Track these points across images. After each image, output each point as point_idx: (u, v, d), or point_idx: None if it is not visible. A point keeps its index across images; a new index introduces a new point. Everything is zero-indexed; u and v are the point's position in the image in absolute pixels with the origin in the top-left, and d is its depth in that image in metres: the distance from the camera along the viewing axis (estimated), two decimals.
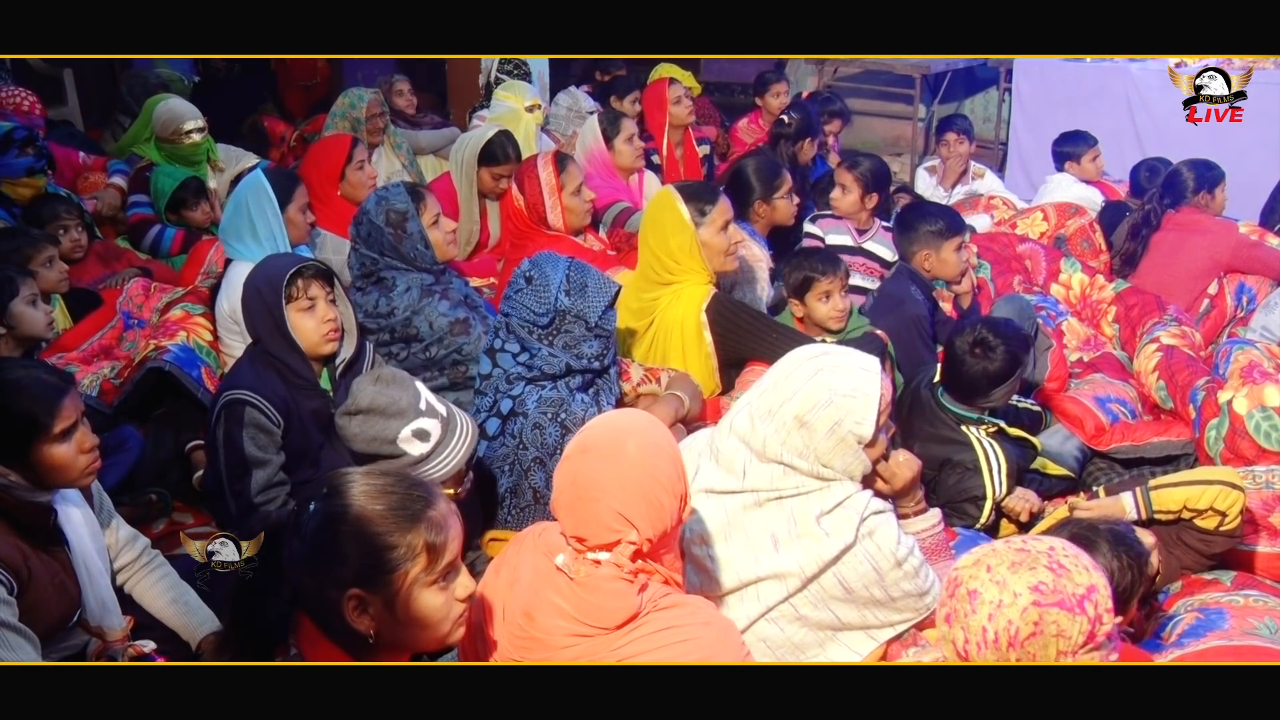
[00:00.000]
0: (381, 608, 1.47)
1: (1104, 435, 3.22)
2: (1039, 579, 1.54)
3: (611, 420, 1.85)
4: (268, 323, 2.61)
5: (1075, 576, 1.55)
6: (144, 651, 2.22)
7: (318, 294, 2.64)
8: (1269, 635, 2.10)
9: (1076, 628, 1.53)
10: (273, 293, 2.59)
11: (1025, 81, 6.48)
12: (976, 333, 2.83)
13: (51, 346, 3.42)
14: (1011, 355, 2.81)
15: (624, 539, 1.68)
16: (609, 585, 1.69)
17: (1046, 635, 1.53)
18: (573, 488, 1.72)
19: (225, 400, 2.57)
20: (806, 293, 3.23)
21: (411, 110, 5.79)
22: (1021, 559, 1.58)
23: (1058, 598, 1.53)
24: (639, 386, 2.94)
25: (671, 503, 1.73)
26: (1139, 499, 2.42)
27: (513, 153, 4.29)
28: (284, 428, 2.59)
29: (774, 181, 3.83)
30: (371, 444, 2.21)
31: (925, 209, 3.80)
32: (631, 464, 1.70)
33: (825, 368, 2.02)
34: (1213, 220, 4.23)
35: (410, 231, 3.08)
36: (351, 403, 2.26)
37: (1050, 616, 1.52)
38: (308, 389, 2.66)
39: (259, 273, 2.73)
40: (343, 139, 4.20)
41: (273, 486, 2.56)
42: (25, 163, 4.14)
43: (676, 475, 1.76)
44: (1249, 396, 2.84)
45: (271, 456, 2.56)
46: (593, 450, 1.74)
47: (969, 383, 2.84)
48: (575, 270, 2.62)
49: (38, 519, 2.06)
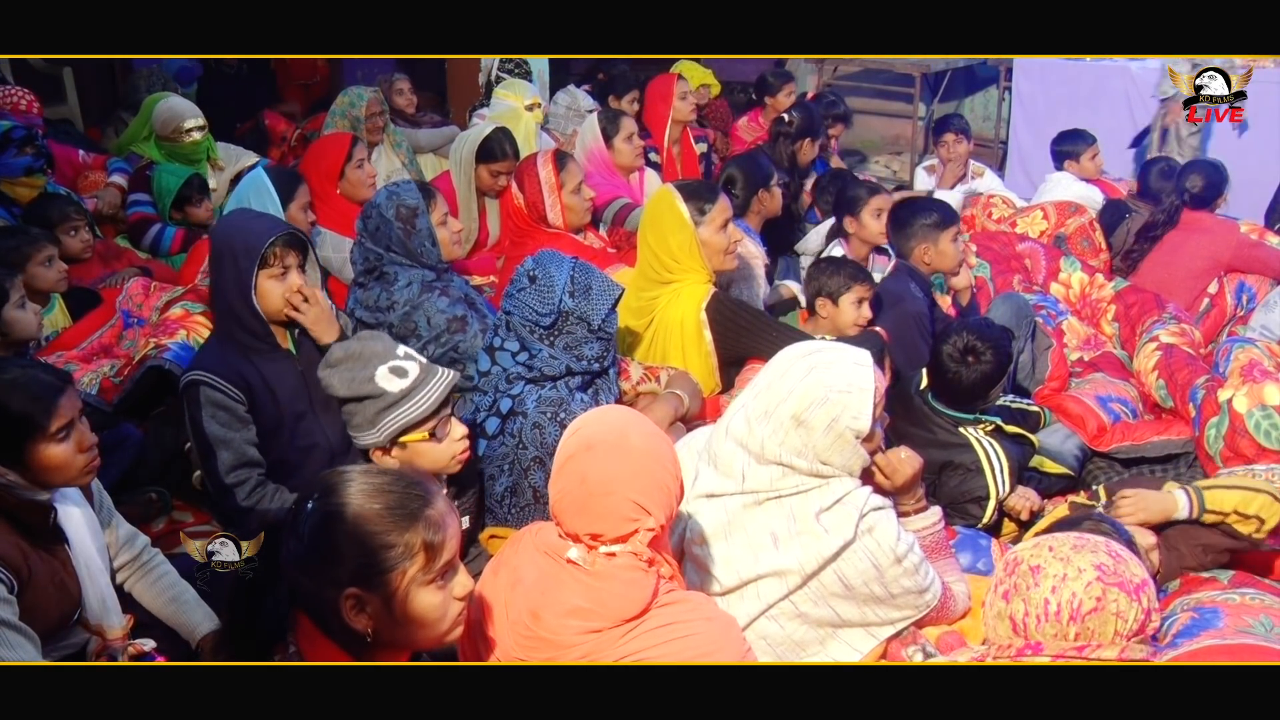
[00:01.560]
0: (379, 607, 1.47)
1: (1105, 435, 3.22)
2: (1101, 560, 1.61)
3: (604, 416, 1.87)
4: (233, 280, 2.54)
5: (1132, 567, 1.62)
6: (144, 650, 2.22)
7: (291, 263, 2.60)
8: (1264, 633, 2.10)
9: (1133, 612, 1.58)
10: (246, 255, 2.53)
11: (1025, 80, 6.48)
12: (963, 340, 2.82)
13: (51, 345, 3.42)
14: (1001, 353, 2.82)
15: (642, 527, 1.71)
16: (625, 574, 1.72)
17: (1107, 613, 1.58)
18: (583, 485, 1.73)
19: (183, 385, 2.53)
20: (843, 294, 3.25)
21: (411, 109, 5.78)
22: (1082, 543, 1.65)
23: (1119, 579, 1.59)
24: (638, 385, 2.94)
25: (675, 486, 1.78)
26: (1192, 497, 2.42)
27: (510, 149, 4.29)
28: (247, 402, 2.54)
29: (760, 173, 3.89)
30: (351, 385, 2.21)
31: (917, 203, 3.82)
32: (640, 453, 1.74)
33: (819, 365, 2.02)
34: (1214, 220, 4.24)
35: (419, 228, 3.08)
36: (329, 357, 2.29)
37: (1112, 595, 1.58)
38: (267, 352, 2.60)
39: (237, 227, 2.67)
40: (342, 138, 4.20)
41: (242, 466, 2.50)
42: (24, 162, 4.14)
43: (675, 458, 1.82)
44: (1249, 395, 2.85)
45: (234, 434, 2.51)
46: (598, 446, 1.75)
47: (966, 390, 2.84)
48: (580, 271, 2.62)
49: (37, 518, 2.06)
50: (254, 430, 2.55)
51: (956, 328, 2.90)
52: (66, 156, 4.79)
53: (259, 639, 1.52)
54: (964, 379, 2.81)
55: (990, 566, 2.45)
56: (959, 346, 2.82)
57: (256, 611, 1.53)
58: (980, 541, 2.58)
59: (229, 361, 2.55)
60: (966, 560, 2.45)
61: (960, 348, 2.81)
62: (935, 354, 2.89)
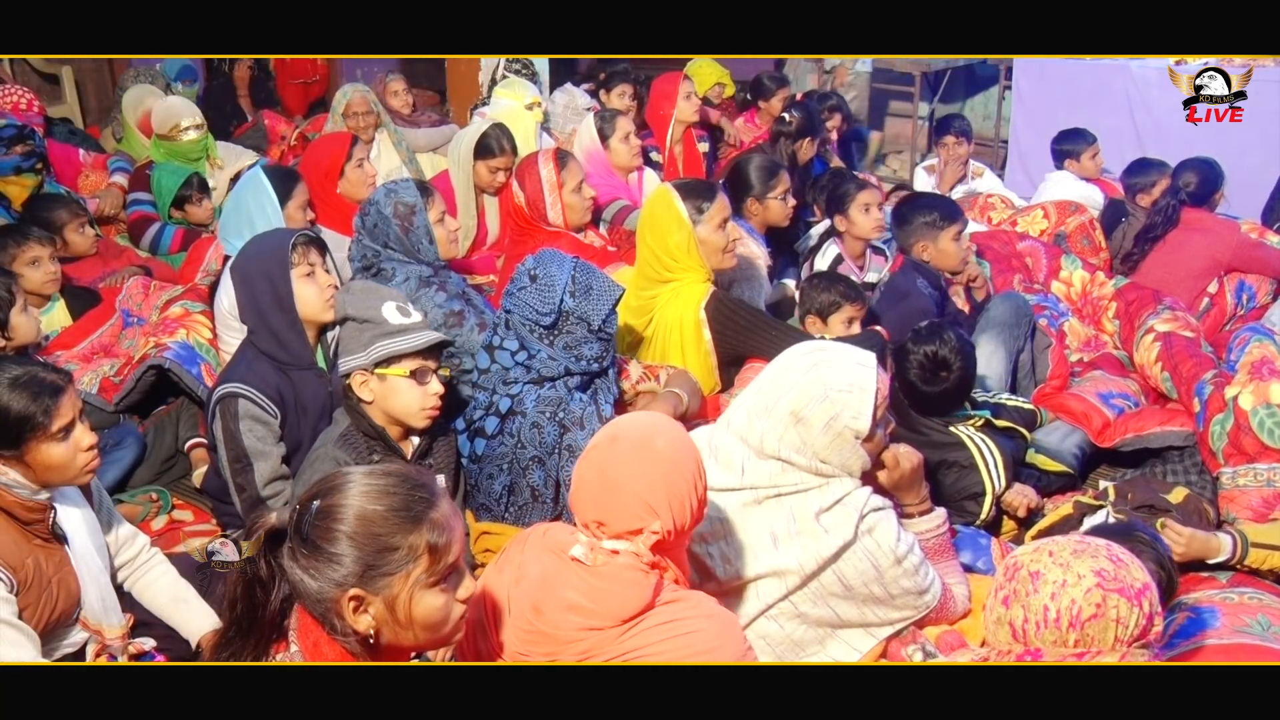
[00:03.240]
0: (382, 608, 1.47)
1: (1109, 430, 3.22)
2: (1101, 566, 1.59)
3: (639, 418, 1.93)
4: (269, 294, 2.61)
5: (1133, 571, 1.60)
6: (143, 650, 2.22)
7: (316, 260, 2.68)
8: (1260, 632, 2.10)
9: (1134, 618, 1.57)
10: (278, 263, 2.61)
11: (1025, 79, 6.47)
12: (924, 356, 2.75)
13: (51, 345, 3.42)
14: (969, 358, 2.78)
15: (646, 528, 1.71)
16: (626, 575, 1.72)
17: (1107, 619, 1.57)
18: (600, 475, 1.75)
19: (218, 395, 2.56)
20: (833, 314, 3.27)
21: (407, 110, 5.76)
22: (1083, 548, 1.63)
23: (1119, 585, 1.57)
24: (638, 384, 2.94)
25: (693, 499, 1.77)
26: (1237, 545, 2.42)
27: (508, 145, 4.29)
28: (280, 418, 2.58)
29: (770, 181, 3.83)
30: (359, 307, 2.39)
31: (919, 200, 3.79)
32: (660, 456, 1.74)
33: (821, 363, 2.02)
34: (1215, 219, 4.23)
35: (417, 225, 3.09)
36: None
37: (1112, 601, 1.57)
38: (303, 369, 2.65)
39: (256, 247, 2.73)
40: (343, 136, 4.20)
41: (278, 479, 2.55)
42: (13, 162, 4.13)
43: (699, 474, 1.80)
44: (1255, 393, 2.85)
45: (271, 448, 2.56)
46: (622, 440, 1.77)
47: (944, 401, 2.81)
48: (581, 271, 2.62)
49: (37, 517, 2.07)
50: (284, 447, 2.60)
51: (915, 340, 2.80)
52: (66, 156, 4.79)
53: (259, 639, 1.52)
54: (942, 391, 2.77)
55: (990, 565, 2.45)
56: (923, 362, 2.75)
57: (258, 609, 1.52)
58: (980, 540, 2.58)
59: (266, 377, 2.59)
60: (966, 559, 2.45)
61: (926, 365, 2.75)
62: (900, 371, 2.79)
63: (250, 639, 1.51)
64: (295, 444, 2.62)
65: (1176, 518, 2.53)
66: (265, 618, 1.51)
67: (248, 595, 1.51)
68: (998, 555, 2.49)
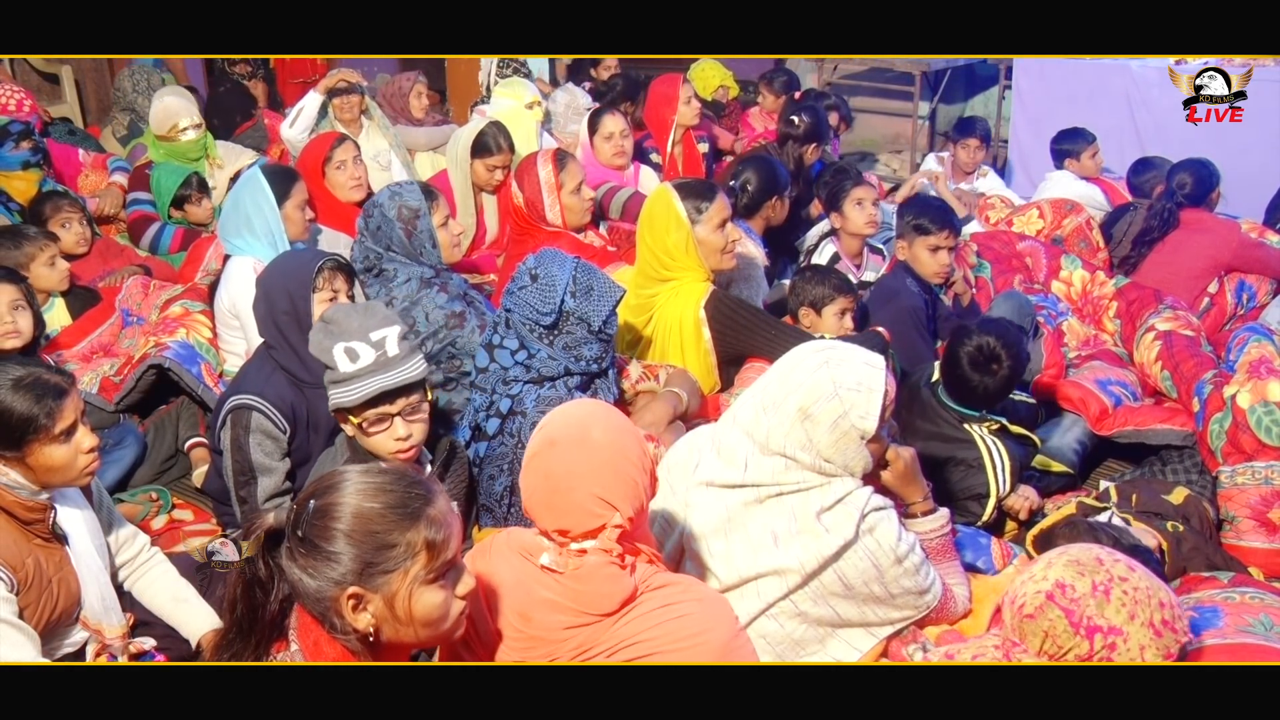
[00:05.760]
0: (382, 606, 1.47)
1: (1108, 418, 3.22)
2: (1083, 588, 1.67)
3: (568, 412, 1.86)
4: (288, 312, 2.61)
5: (1111, 613, 1.65)
6: (143, 649, 2.22)
7: (340, 287, 2.70)
8: (1263, 632, 2.10)
9: (1071, 642, 1.66)
10: (300, 284, 2.62)
11: (1025, 79, 6.47)
12: (983, 345, 2.76)
13: (51, 344, 3.42)
14: (1020, 357, 2.80)
15: (608, 523, 1.71)
16: (601, 572, 1.71)
17: (1038, 624, 1.68)
18: (547, 482, 1.73)
19: (232, 405, 2.57)
20: (826, 306, 3.28)
21: (423, 114, 5.72)
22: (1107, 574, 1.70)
23: (1073, 607, 1.66)
24: (637, 384, 2.94)
25: (644, 479, 1.77)
26: None
27: (505, 143, 4.28)
28: (290, 434, 2.59)
29: (777, 182, 3.87)
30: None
31: (918, 202, 3.78)
32: (600, 447, 1.73)
33: (831, 361, 2.02)
34: (1215, 219, 4.23)
35: (420, 229, 3.10)
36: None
37: (1052, 614, 1.66)
38: (318, 387, 2.66)
39: (283, 264, 2.74)
40: (325, 137, 4.16)
41: (279, 495, 2.56)
42: (21, 157, 4.14)
43: (643, 451, 1.80)
44: (1253, 391, 2.85)
45: (277, 464, 2.57)
46: (560, 442, 1.75)
47: (981, 396, 2.82)
48: (582, 272, 2.62)
49: (38, 517, 2.07)
50: (289, 463, 2.61)
51: (975, 330, 2.83)
52: (66, 156, 4.79)
53: (259, 639, 1.52)
54: (989, 387, 2.79)
55: (990, 565, 2.45)
56: (983, 353, 2.76)
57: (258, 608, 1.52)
58: (981, 540, 2.58)
59: (282, 392, 2.60)
60: (967, 558, 2.45)
61: (979, 354, 2.76)
62: (953, 358, 2.82)
63: (250, 639, 1.52)
64: (304, 459, 2.64)
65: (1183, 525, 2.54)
66: (265, 618, 1.51)
67: (247, 596, 1.51)
68: (998, 555, 2.49)
